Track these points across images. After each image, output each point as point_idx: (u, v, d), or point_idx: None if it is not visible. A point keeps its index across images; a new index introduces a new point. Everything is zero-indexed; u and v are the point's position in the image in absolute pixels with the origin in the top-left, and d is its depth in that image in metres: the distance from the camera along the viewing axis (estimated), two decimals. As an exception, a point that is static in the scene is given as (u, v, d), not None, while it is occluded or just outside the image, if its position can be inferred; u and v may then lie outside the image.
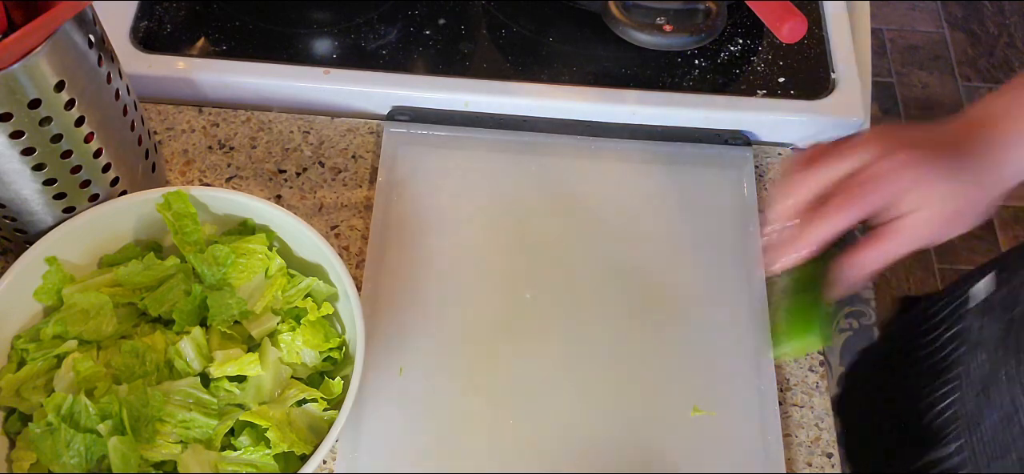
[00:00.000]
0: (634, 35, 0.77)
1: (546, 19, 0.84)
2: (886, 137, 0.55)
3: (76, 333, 0.61)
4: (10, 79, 0.53)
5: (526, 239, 0.74)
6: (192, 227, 0.65)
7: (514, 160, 0.78)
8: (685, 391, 0.67)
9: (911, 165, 0.54)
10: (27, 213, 0.62)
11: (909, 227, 0.55)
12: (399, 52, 0.82)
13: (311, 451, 0.58)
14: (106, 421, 0.57)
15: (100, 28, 0.61)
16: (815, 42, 0.84)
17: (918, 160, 0.54)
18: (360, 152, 0.79)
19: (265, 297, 0.65)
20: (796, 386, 0.69)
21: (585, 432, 0.65)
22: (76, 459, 0.56)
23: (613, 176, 0.78)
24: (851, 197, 0.54)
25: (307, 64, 0.80)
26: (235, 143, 0.79)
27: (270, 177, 0.77)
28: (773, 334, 0.59)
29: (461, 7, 0.85)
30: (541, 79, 0.80)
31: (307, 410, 0.62)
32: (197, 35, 0.82)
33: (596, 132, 0.80)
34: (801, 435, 0.67)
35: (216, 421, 0.60)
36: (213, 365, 0.61)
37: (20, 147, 0.57)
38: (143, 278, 0.64)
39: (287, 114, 0.80)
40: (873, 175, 0.54)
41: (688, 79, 0.81)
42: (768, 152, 0.80)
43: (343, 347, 0.65)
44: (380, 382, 0.67)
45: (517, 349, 0.68)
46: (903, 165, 0.54)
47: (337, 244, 0.74)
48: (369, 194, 0.76)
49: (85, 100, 0.59)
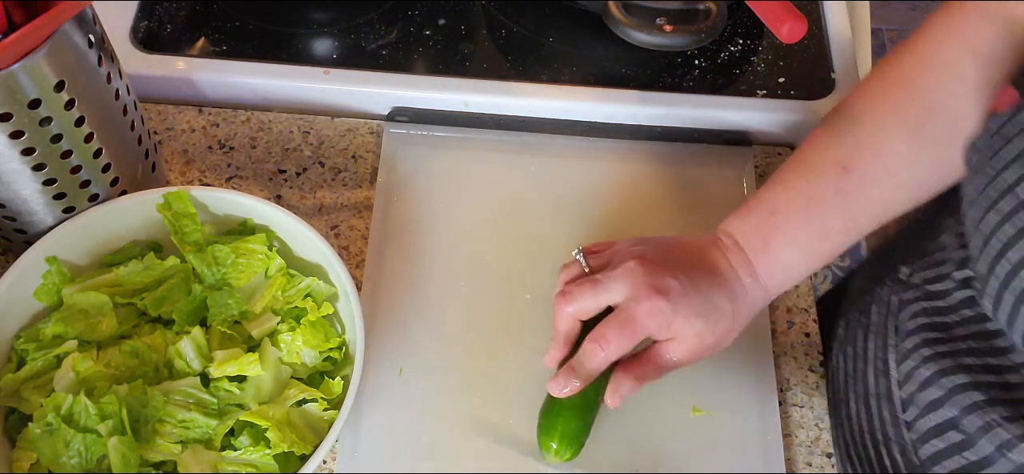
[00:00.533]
0: (634, 35, 0.77)
1: (546, 19, 0.84)
2: (637, 278, 0.58)
3: (76, 333, 0.61)
4: (10, 79, 0.53)
5: (526, 239, 0.74)
6: (192, 227, 0.65)
7: (514, 160, 0.78)
8: (685, 391, 0.67)
9: (664, 311, 0.57)
10: (27, 213, 0.62)
11: (666, 355, 0.60)
12: (399, 52, 0.82)
13: (311, 451, 0.58)
14: (106, 421, 0.57)
15: (100, 28, 0.61)
16: (815, 42, 0.84)
17: (671, 304, 0.57)
18: (360, 152, 0.79)
19: (265, 297, 0.65)
20: (796, 386, 0.69)
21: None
22: (76, 459, 0.56)
23: (613, 176, 0.78)
24: (609, 340, 0.57)
25: (307, 64, 0.80)
26: (235, 143, 0.79)
27: (270, 177, 0.77)
28: (540, 427, 0.62)
29: (461, 7, 0.85)
30: (541, 79, 0.80)
31: (307, 410, 0.61)
32: (197, 35, 0.82)
33: (596, 132, 0.80)
34: (801, 435, 0.67)
35: (216, 421, 0.60)
36: (213, 365, 0.61)
37: (20, 147, 0.57)
38: (143, 278, 0.64)
39: (287, 114, 0.80)
40: (629, 318, 0.58)
41: (688, 79, 0.81)
42: (768, 152, 0.80)
43: (343, 347, 0.65)
44: (380, 382, 0.67)
45: (517, 349, 0.68)
46: (656, 312, 0.57)
47: (337, 244, 0.74)
48: (369, 194, 0.76)
49: (85, 100, 0.59)
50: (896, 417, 0.60)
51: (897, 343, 0.62)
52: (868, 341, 0.66)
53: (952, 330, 0.57)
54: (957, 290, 0.58)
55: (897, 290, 0.64)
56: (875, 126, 0.60)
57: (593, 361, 0.58)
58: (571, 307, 0.59)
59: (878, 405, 0.62)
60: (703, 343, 0.59)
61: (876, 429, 0.62)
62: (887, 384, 0.61)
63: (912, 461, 0.58)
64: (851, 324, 0.69)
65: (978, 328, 0.55)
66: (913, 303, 0.62)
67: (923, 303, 0.61)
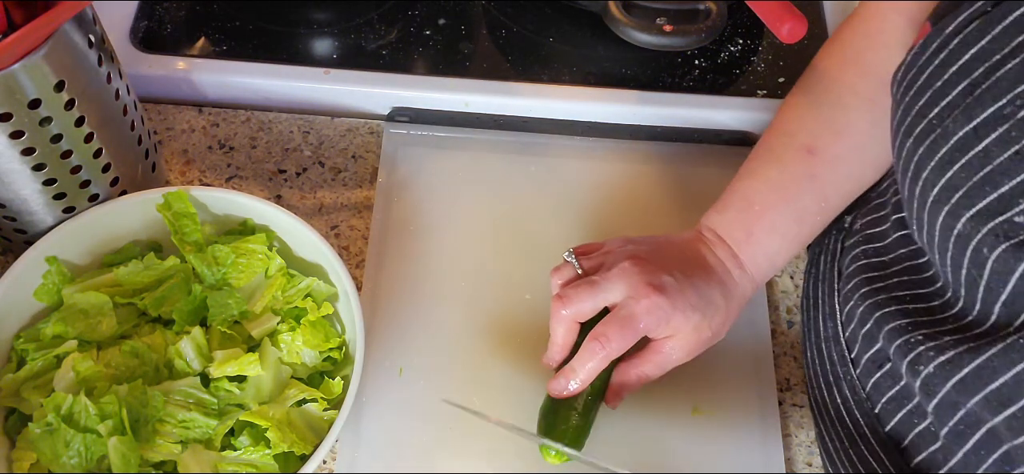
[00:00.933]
0: (634, 35, 0.77)
1: (546, 19, 0.84)
2: (634, 276, 0.58)
3: (76, 333, 0.61)
4: (10, 79, 0.53)
5: (526, 239, 0.74)
6: (192, 227, 0.65)
7: (514, 160, 0.78)
8: (685, 392, 0.67)
9: (662, 307, 0.58)
10: (27, 213, 0.62)
11: (664, 352, 0.60)
12: (399, 52, 0.82)
13: (311, 451, 0.58)
14: (106, 421, 0.57)
15: (100, 28, 0.61)
16: (815, 42, 0.84)
17: (669, 300, 0.58)
18: (360, 152, 0.79)
19: (265, 297, 0.65)
20: (796, 386, 0.69)
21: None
22: (76, 459, 0.56)
23: (613, 176, 0.78)
24: (609, 338, 0.58)
25: (307, 64, 0.80)
26: (235, 143, 0.79)
27: (270, 177, 0.77)
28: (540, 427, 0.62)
29: (461, 7, 0.85)
30: (541, 79, 0.80)
31: (307, 410, 0.62)
32: (197, 35, 0.82)
33: (596, 132, 0.80)
34: (801, 435, 0.67)
35: (216, 421, 0.60)
36: (213, 365, 0.61)
37: (20, 147, 0.57)
38: (143, 278, 0.64)
39: (287, 114, 0.80)
40: (629, 315, 0.58)
41: (688, 79, 0.81)
42: (768, 152, 0.80)
43: (343, 347, 0.65)
44: (380, 382, 0.67)
45: (517, 349, 0.68)
46: (655, 308, 0.58)
47: (337, 244, 0.74)
48: (369, 194, 0.76)
49: (85, 100, 0.59)
50: (843, 356, 0.62)
51: (841, 288, 0.64)
52: (818, 288, 0.68)
53: (888, 268, 0.59)
54: (894, 231, 0.60)
55: (841, 237, 0.67)
56: (834, 107, 0.63)
57: (593, 360, 0.58)
58: (569, 310, 0.59)
59: (828, 348, 0.64)
60: (700, 337, 0.60)
61: (829, 371, 0.64)
62: (834, 326, 0.63)
63: (859, 397, 0.60)
64: (808, 276, 0.71)
65: (910, 263, 0.57)
66: (855, 248, 0.64)
67: (863, 246, 0.63)
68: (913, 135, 0.51)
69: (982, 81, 0.47)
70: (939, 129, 0.49)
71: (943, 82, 0.49)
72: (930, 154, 0.49)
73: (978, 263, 0.47)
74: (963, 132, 0.47)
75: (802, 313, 0.71)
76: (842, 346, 0.62)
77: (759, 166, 0.64)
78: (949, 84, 0.49)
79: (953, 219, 0.48)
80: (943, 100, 0.49)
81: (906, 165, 0.51)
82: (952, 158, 0.47)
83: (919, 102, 0.51)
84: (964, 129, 0.47)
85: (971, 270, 0.48)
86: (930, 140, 0.49)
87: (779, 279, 0.74)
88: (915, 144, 0.50)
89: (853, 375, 0.61)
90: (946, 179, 0.48)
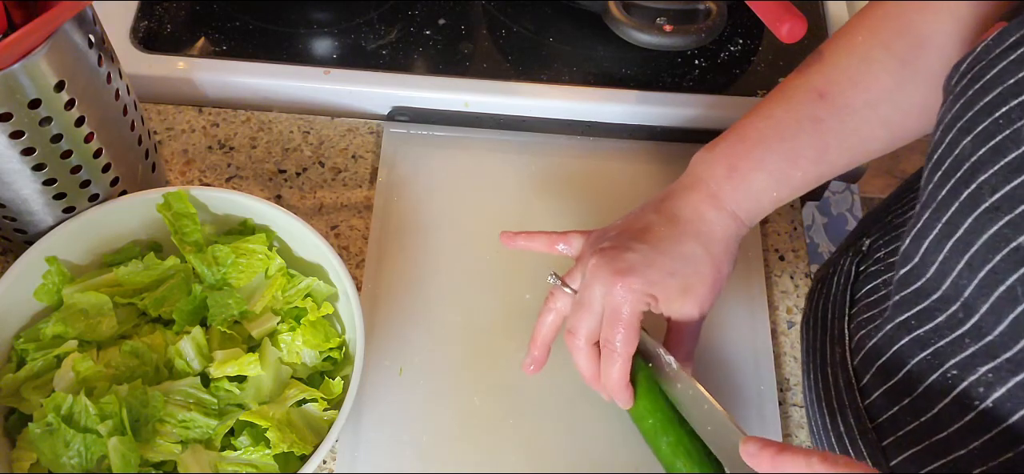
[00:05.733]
0: (634, 35, 0.77)
1: (546, 19, 0.84)
2: (601, 272, 0.58)
3: (76, 333, 0.61)
4: (10, 79, 0.53)
5: (526, 239, 0.74)
6: (192, 227, 0.65)
7: (514, 160, 0.78)
8: (685, 391, 0.67)
9: (635, 287, 0.57)
10: (27, 213, 0.62)
11: (676, 320, 0.59)
12: (399, 52, 0.82)
13: (311, 451, 0.58)
14: (106, 421, 0.57)
15: (100, 28, 0.61)
16: (815, 42, 0.84)
17: (640, 276, 0.57)
18: (360, 152, 0.79)
19: (265, 297, 0.65)
20: (796, 386, 0.69)
21: (585, 432, 0.65)
22: (76, 459, 0.56)
23: (613, 176, 0.78)
24: (611, 340, 0.57)
25: (307, 64, 0.80)
26: (235, 143, 0.79)
27: (270, 177, 0.77)
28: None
29: (461, 7, 0.85)
30: (541, 79, 0.80)
31: (307, 410, 0.61)
32: (197, 35, 0.82)
33: (596, 132, 0.80)
34: (801, 435, 0.67)
35: (216, 421, 0.60)
36: (213, 365, 0.61)
37: (20, 147, 0.57)
38: (143, 278, 0.64)
39: (287, 114, 0.80)
40: (612, 311, 0.57)
41: (688, 79, 0.81)
42: (768, 152, 0.80)
43: (343, 347, 0.65)
44: (380, 382, 0.67)
45: (517, 349, 0.68)
46: (630, 291, 0.57)
47: (337, 244, 0.74)
48: (369, 194, 0.76)
49: (85, 100, 0.59)
50: (851, 384, 0.59)
51: (853, 314, 0.62)
52: (828, 311, 0.66)
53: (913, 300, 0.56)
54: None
55: (856, 260, 0.65)
56: (859, 57, 0.59)
57: (614, 369, 0.58)
58: (581, 340, 0.59)
59: (834, 373, 0.62)
60: (695, 291, 0.59)
61: (833, 398, 0.62)
62: (842, 352, 0.61)
63: (865, 426, 0.57)
64: (814, 295, 0.69)
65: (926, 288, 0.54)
66: (870, 272, 0.61)
67: (879, 268, 0.60)
68: (972, 133, 0.46)
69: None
70: (1008, 131, 0.44)
71: (1017, 80, 0.44)
72: (993, 157, 0.44)
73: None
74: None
75: (804, 332, 0.69)
76: (850, 373, 0.59)
77: (765, 104, 0.62)
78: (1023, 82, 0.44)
79: (1013, 232, 0.42)
80: (1015, 99, 0.44)
81: (956, 164, 0.47)
82: (1021, 165, 0.42)
83: (985, 97, 0.46)
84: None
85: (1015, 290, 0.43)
86: (995, 141, 0.44)
87: (779, 279, 0.74)
88: (974, 143, 0.45)
89: (859, 404, 0.58)
90: (1011, 187, 0.43)
